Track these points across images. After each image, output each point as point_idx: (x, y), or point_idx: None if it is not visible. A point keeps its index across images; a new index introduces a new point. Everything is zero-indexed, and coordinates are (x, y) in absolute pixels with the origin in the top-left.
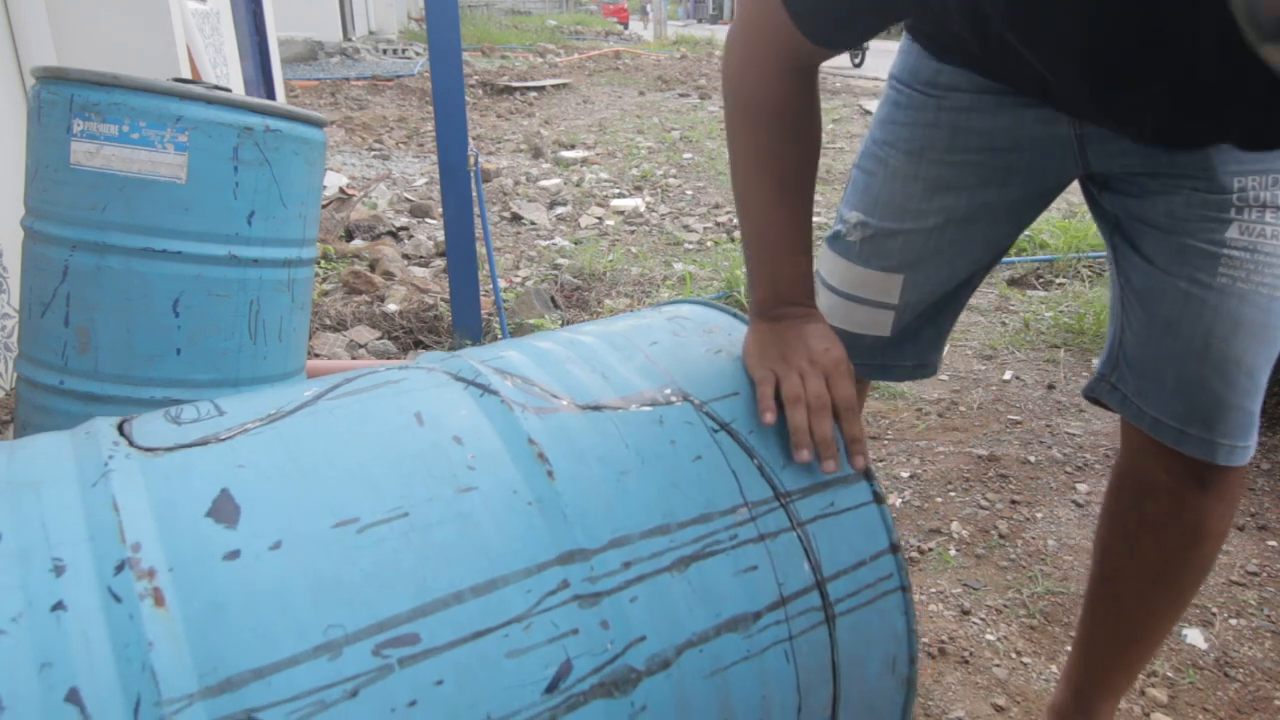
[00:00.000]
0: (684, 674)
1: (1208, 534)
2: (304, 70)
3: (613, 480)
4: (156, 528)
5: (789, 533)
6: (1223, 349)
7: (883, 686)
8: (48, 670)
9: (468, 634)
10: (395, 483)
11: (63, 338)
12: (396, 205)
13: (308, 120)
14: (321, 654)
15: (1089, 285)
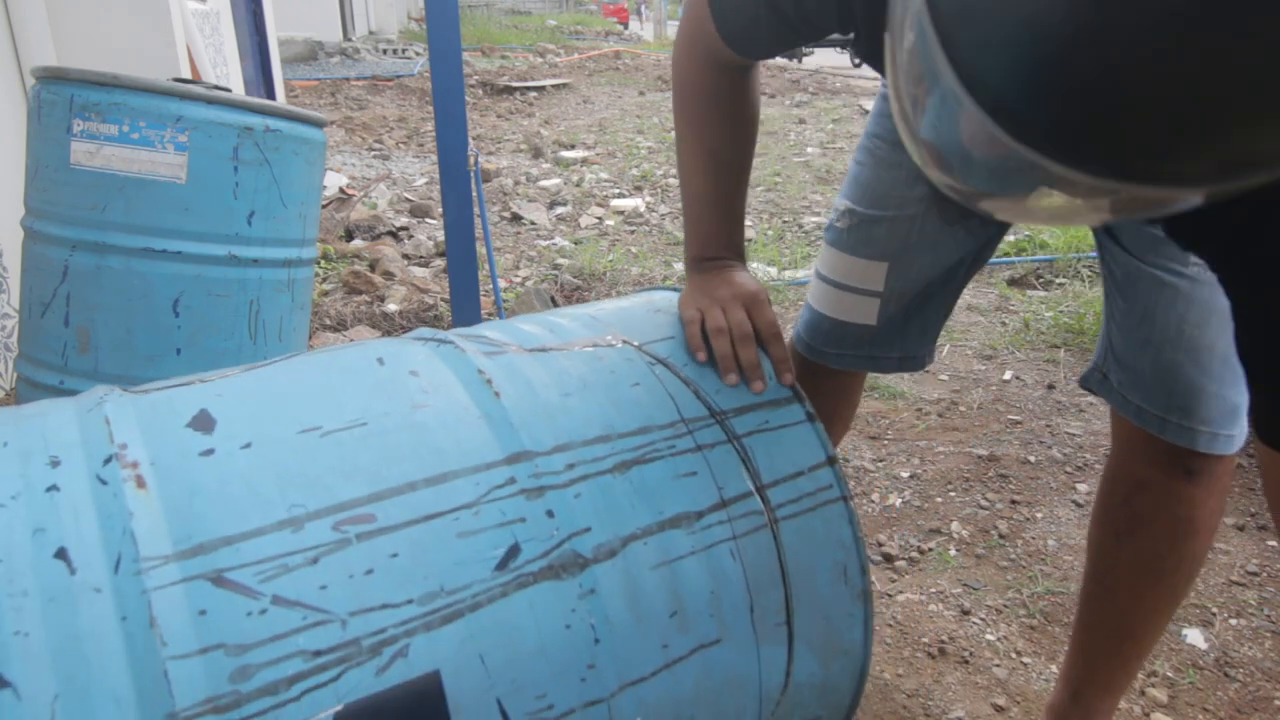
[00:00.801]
0: (630, 564)
1: (1197, 528)
2: (304, 70)
3: (556, 400)
4: (141, 434)
5: (725, 445)
6: (1196, 335)
7: (836, 595)
8: (40, 534)
9: (420, 516)
10: (356, 402)
11: (63, 338)
12: (396, 205)
13: (308, 120)
14: (285, 527)
15: (1089, 285)
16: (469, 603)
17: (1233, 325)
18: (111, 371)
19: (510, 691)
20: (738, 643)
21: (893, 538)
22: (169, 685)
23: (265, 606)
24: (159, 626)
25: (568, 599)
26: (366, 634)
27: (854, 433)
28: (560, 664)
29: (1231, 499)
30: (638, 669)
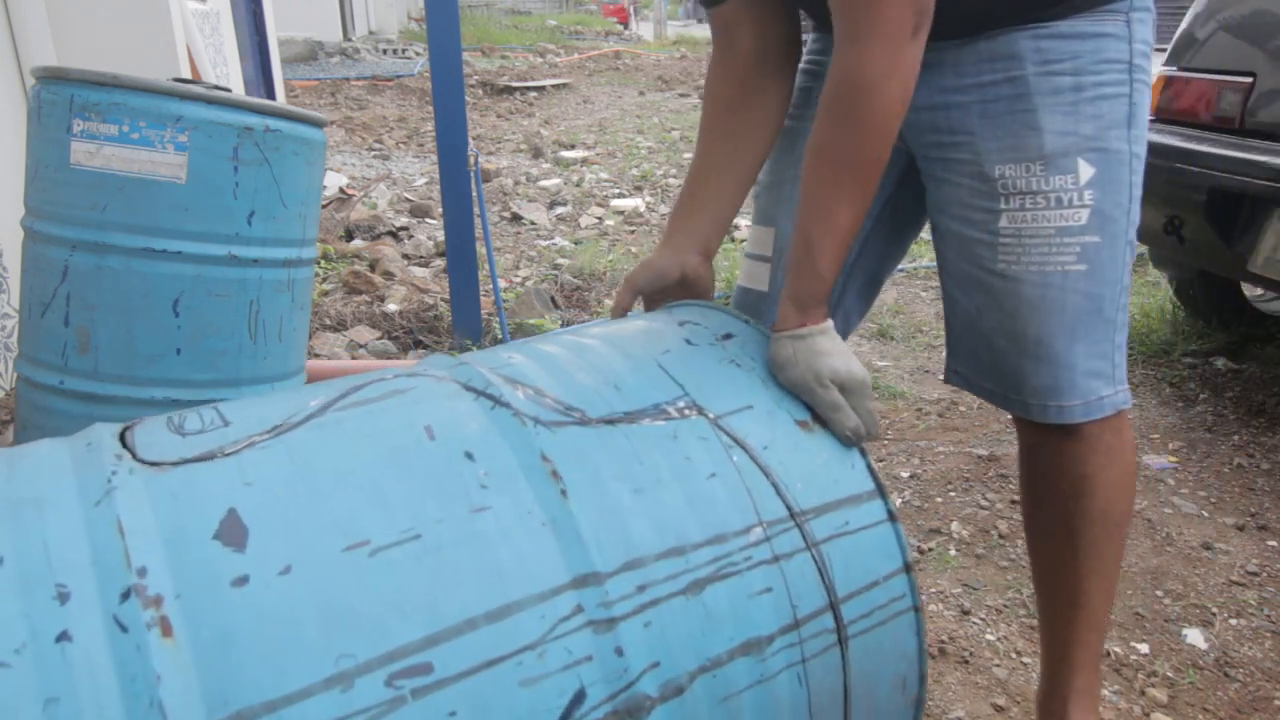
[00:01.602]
0: (697, 700)
1: (1094, 484)
2: (304, 70)
3: (627, 500)
4: (163, 551)
5: (803, 553)
6: (1011, 324)
7: (891, 706)
8: (53, 706)
9: (481, 662)
10: (407, 502)
11: (63, 338)
12: (396, 205)
13: (308, 120)
14: (333, 685)
15: None
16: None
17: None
18: (111, 371)
19: None
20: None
21: None
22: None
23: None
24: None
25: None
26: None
27: None
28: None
29: (1231, 499)
30: None
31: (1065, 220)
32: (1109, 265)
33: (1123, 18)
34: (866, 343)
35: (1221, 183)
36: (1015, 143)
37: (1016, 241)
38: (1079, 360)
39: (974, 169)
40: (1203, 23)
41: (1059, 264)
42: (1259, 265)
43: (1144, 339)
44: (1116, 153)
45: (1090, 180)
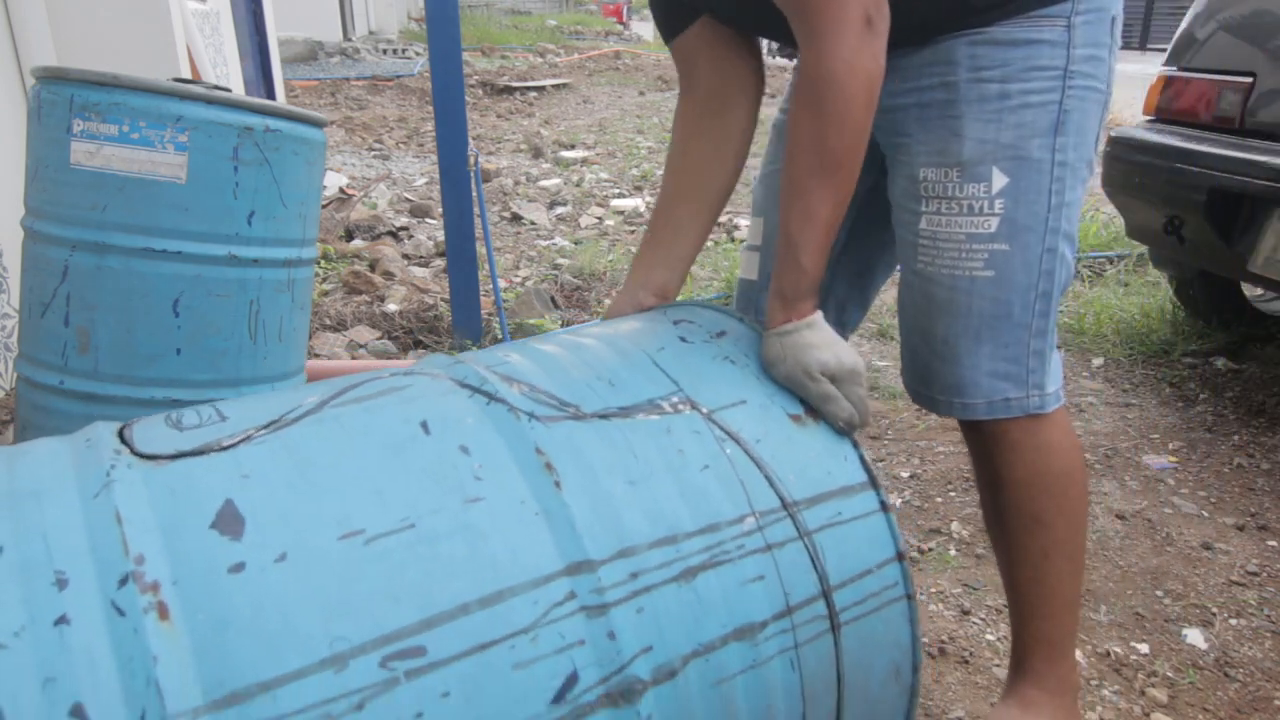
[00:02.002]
0: (689, 684)
1: (1005, 479)
2: (304, 70)
3: (620, 491)
4: (160, 540)
5: (796, 542)
6: (924, 323)
7: (885, 694)
8: (51, 685)
9: (474, 645)
10: (401, 493)
11: (63, 338)
12: (396, 205)
13: (308, 120)
14: (328, 667)
15: (1089, 285)
16: None
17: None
18: (111, 371)
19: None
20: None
21: None
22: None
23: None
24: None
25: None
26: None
27: None
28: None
29: (1231, 499)
30: None
31: (975, 227)
32: (1020, 272)
33: (1062, 22)
34: (866, 343)
35: (1221, 183)
36: (940, 147)
37: (932, 244)
38: (983, 362)
39: (908, 170)
40: (1203, 23)
41: (966, 269)
42: (1259, 265)
43: (1144, 339)
44: (1037, 161)
45: (1002, 189)
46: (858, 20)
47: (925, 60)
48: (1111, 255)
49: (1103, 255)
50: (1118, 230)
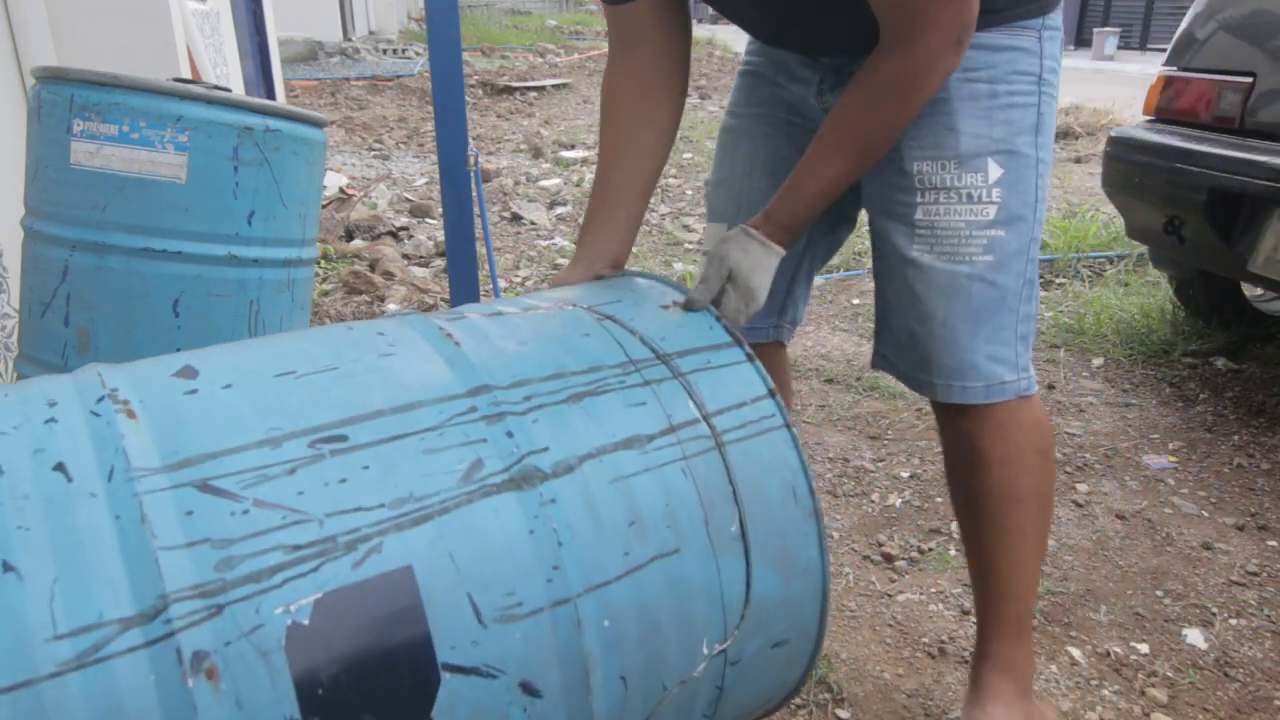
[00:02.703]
0: (587, 478)
1: (988, 460)
2: (304, 70)
3: (512, 348)
4: (131, 382)
5: (671, 380)
6: (921, 307)
7: (788, 513)
8: (39, 454)
9: (388, 436)
10: (328, 353)
11: (63, 338)
12: (396, 205)
13: (308, 120)
14: (264, 445)
15: (1089, 285)
16: (437, 507)
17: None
18: None
19: (479, 588)
20: (696, 553)
21: (893, 538)
22: (159, 571)
23: (247, 508)
24: (149, 522)
25: (530, 507)
26: (342, 532)
27: (854, 433)
28: (526, 564)
29: (1231, 499)
30: (601, 573)
31: (974, 215)
32: (1014, 258)
33: (1035, 34)
34: (866, 343)
35: (1221, 183)
36: (934, 141)
37: (930, 232)
38: (980, 345)
39: (895, 165)
40: (1203, 23)
41: (966, 254)
42: (1259, 265)
43: (1144, 339)
44: (1024, 156)
45: (998, 180)
46: (954, 38)
47: None
48: (1111, 255)
49: (1103, 255)
50: (1118, 230)
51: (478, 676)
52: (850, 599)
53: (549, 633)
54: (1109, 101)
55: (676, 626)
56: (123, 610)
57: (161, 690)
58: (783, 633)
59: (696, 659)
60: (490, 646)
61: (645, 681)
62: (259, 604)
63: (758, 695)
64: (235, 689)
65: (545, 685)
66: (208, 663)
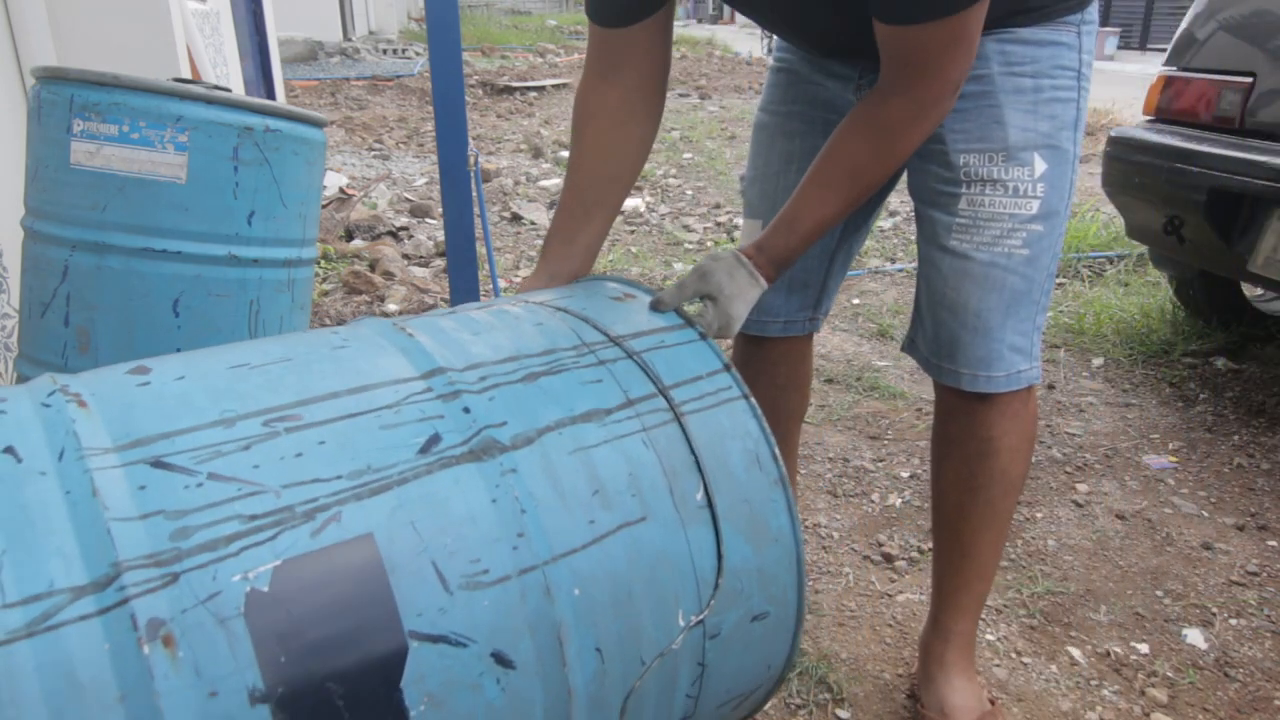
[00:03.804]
0: (548, 449)
1: (997, 448)
2: (304, 70)
3: (467, 338)
4: (83, 381)
5: (625, 359)
6: (954, 296)
7: (753, 480)
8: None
9: (344, 414)
10: (281, 348)
11: (63, 338)
12: (396, 205)
13: (308, 120)
14: (217, 425)
15: (1089, 285)
16: (396, 478)
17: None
18: None
19: (443, 555)
20: (662, 522)
21: (893, 538)
22: (112, 541)
23: (202, 481)
24: (101, 495)
25: (490, 476)
26: (299, 502)
27: (854, 433)
28: (490, 532)
29: (1231, 499)
30: (567, 541)
31: (1018, 208)
32: (1046, 253)
33: (1075, 29)
34: (866, 343)
35: (1221, 183)
36: (981, 134)
37: (972, 223)
38: (1008, 336)
39: (940, 157)
40: (1203, 23)
41: (1007, 247)
42: (1259, 265)
43: (1144, 339)
44: (1065, 152)
45: (1043, 175)
46: (954, 86)
47: None
48: (1111, 255)
49: (1103, 255)
50: (1118, 230)
51: (447, 645)
52: (850, 599)
53: (518, 601)
54: (1109, 101)
55: (649, 596)
56: (74, 579)
57: (116, 658)
58: (761, 604)
59: (673, 631)
60: (458, 614)
61: (622, 654)
62: (215, 572)
63: (742, 675)
64: (194, 657)
65: (518, 656)
66: (164, 630)
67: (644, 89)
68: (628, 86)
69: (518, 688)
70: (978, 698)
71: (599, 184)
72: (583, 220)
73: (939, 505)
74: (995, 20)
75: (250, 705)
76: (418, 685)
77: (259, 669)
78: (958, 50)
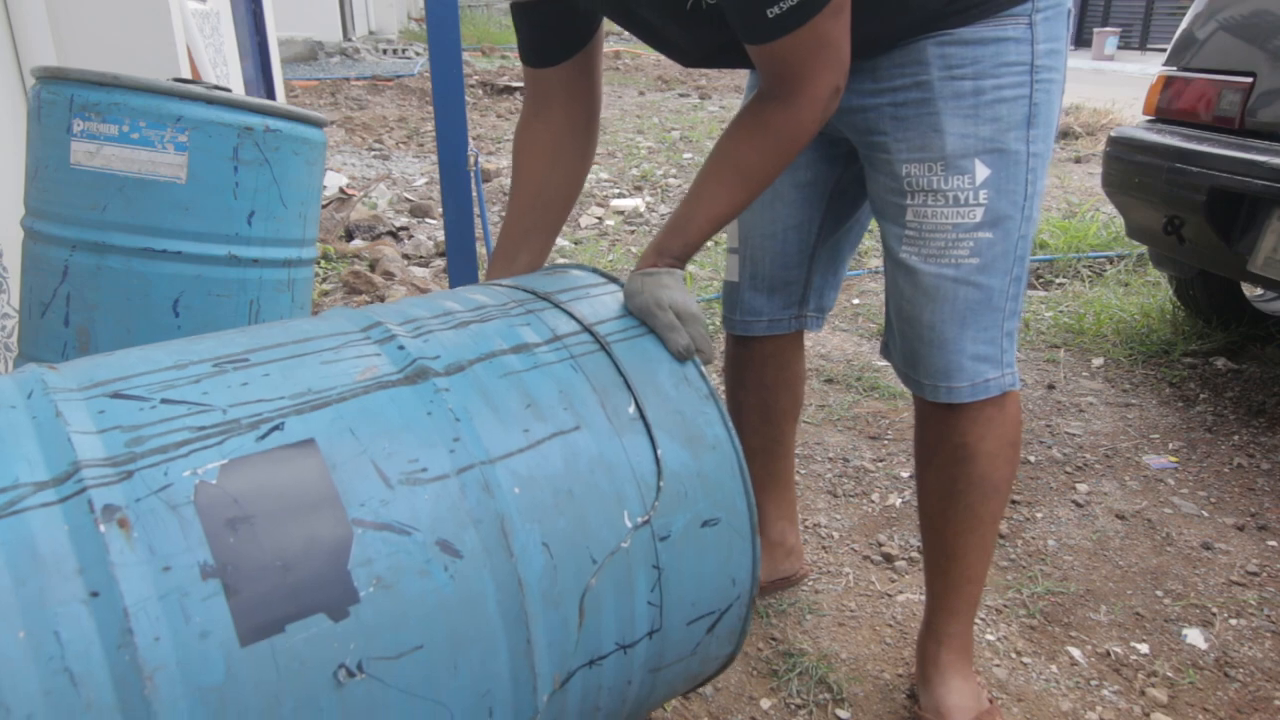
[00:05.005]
0: (479, 374)
1: (975, 452)
2: (304, 70)
3: (406, 306)
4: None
5: (551, 309)
6: (910, 309)
7: (683, 395)
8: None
9: (287, 355)
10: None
11: (63, 338)
12: (396, 205)
13: (308, 120)
14: (171, 369)
15: (1089, 285)
16: (335, 397)
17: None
18: None
19: (382, 456)
20: (597, 430)
21: (893, 538)
22: (72, 448)
23: (155, 405)
24: (63, 417)
25: (425, 395)
26: (245, 416)
27: (854, 433)
28: (427, 437)
29: (1231, 499)
30: (503, 446)
31: (961, 217)
32: (1001, 260)
33: (1025, 21)
34: (866, 342)
35: (1221, 183)
36: (921, 143)
37: (918, 235)
38: (967, 346)
39: (887, 166)
40: (1203, 23)
41: (954, 257)
42: (1259, 265)
43: (1144, 339)
44: (1014, 153)
45: (985, 181)
46: (830, 90)
47: (895, 61)
48: (1111, 255)
49: (1103, 255)
50: (1118, 230)
51: (391, 532)
52: (850, 599)
53: (459, 495)
54: (1109, 101)
55: (591, 497)
56: (37, 476)
57: (75, 537)
58: (709, 510)
59: (620, 530)
60: (400, 506)
61: (572, 552)
62: (167, 469)
63: (704, 586)
64: (147, 537)
65: (464, 545)
66: (119, 514)
67: (573, 128)
68: (557, 126)
69: (467, 576)
70: (975, 697)
71: (534, 212)
72: (521, 242)
73: (922, 510)
74: (933, 21)
75: (202, 579)
76: (366, 568)
77: (210, 548)
78: (821, 57)
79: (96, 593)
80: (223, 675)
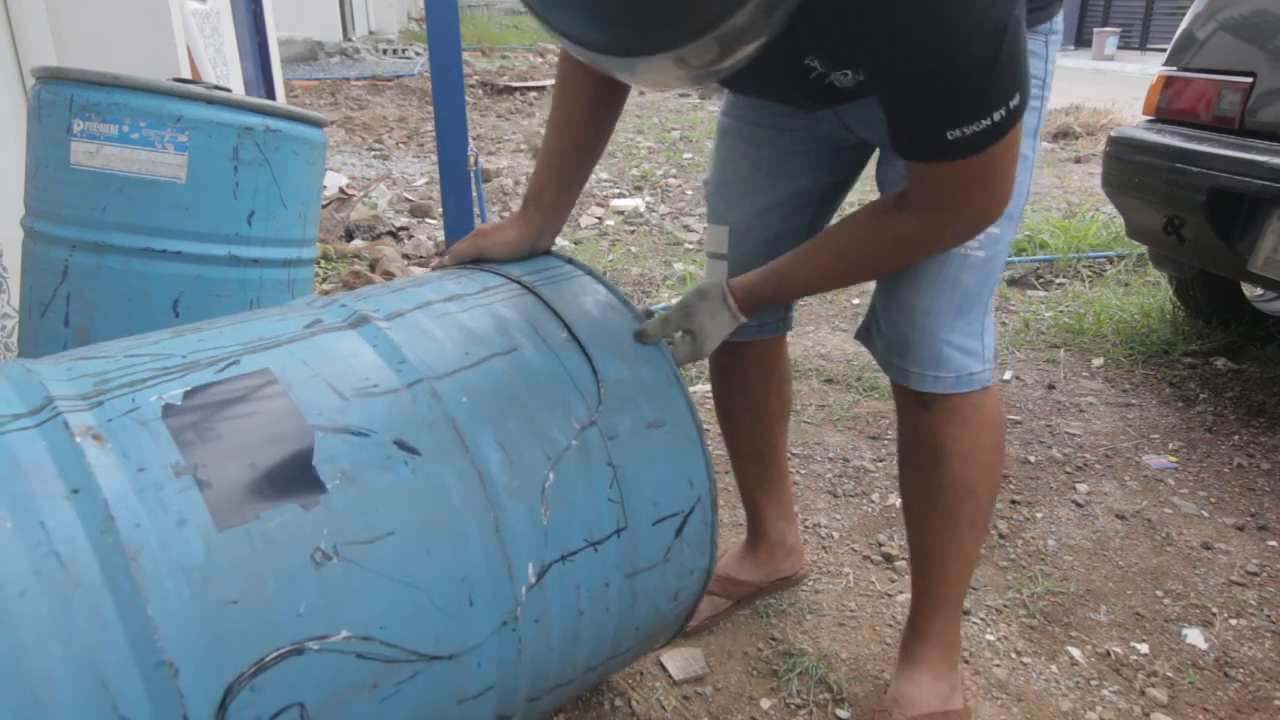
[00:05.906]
0: (418, 318)
1: (949, 452)
2: (304, 70)
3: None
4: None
5: (480, 271)
6: (905, 296)
7: (612, 319)
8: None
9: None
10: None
11: (63, 338)
12: (396, 205)
13: (308, 120)
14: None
15: (1089, 285)
16: (285, 340)
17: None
18: None
19: (335, 376)
20: (534, 350)
21: (893, 538)
22: (46, 389)
23: (120, 360)
24: (36, 373)
25: (368, 334)
26: (203, 359)
27: (854, 433)
28: (374, 364)
29: (1231, 499)
30: (448, 365)
31: None
32: (1000, 256)
33: (1043, 39)
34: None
35: (1221, 183)
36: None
37: None
38: (955, 337)
39: (889, 159)
40: (1203, 23)
41: (965, 249)
42: (1259, 265)
43: (1144, 339)
44: (1025, 159)
45: None
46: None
47: None
48: (1111, 255)
49: (1103, 255)
50: (1118, 230)
51: (349, 434)
52: (850, 599)
53: (410, 403)
54: (1109, 101)
55: (537, 403)
56: (14, 409)
57: (53, 450)
58: (653, 413)
59: (570, 431)
60: (355, 413)
61: (526, 450)
62: (134, 397)
63: (662, 486)
64: (121, 446)
65: (421, 444)
66: (93, 431)
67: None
68: (585, 95)
69: (428, 471)
70: (938, 696)
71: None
72: (563, 186)
73: (904, 509)
74: None
75: (175, 476)
76: (330, 464)
77: (180, 451)
78: (985, 188)
79: (77, 489)
80: (203, 556)
